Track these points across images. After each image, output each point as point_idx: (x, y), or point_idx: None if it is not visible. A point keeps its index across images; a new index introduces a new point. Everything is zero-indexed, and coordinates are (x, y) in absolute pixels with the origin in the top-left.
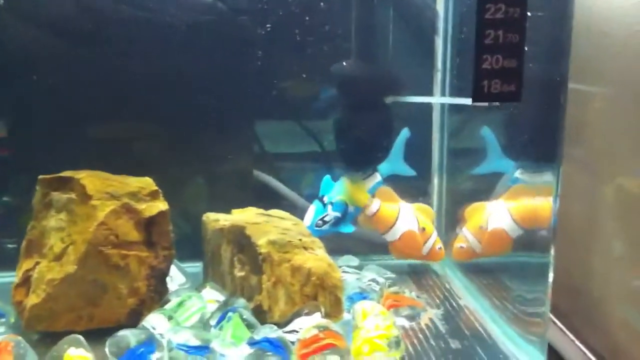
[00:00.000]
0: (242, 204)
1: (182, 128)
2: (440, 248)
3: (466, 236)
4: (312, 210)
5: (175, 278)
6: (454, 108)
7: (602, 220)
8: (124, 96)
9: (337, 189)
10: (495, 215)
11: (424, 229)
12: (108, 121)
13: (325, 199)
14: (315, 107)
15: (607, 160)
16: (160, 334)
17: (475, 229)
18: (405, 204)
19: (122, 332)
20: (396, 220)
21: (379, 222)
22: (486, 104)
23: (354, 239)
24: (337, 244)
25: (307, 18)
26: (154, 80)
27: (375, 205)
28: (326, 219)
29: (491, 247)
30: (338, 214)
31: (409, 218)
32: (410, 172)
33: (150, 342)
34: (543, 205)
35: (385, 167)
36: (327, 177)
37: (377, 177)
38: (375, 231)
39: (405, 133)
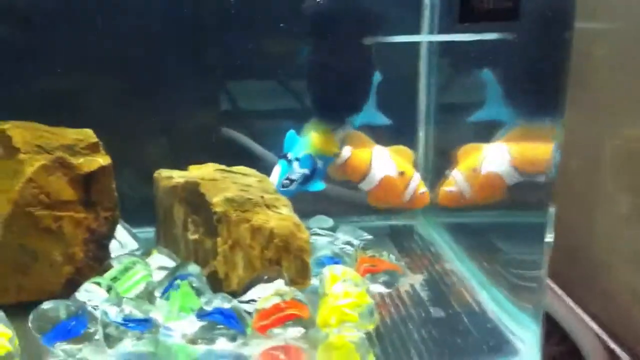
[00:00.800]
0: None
1: (138, 77)
2: (423, 192)
3: (456, 178)
4: (277, 171)
5: (127, 244)
6: (444, 47)
7: (605, 174)
8: (68, 38)
9: (303, 143)
10: (492, 158)
11: (402, 172)
12: (49, 67)
13: (290, 156)
14: (291, 58)
15: (612, 110)
16: (95, 306)
17: (467, 171)
18: (379, 148)
19: (48, 305)
20: (370, 165)
21: (351, 170)
22: (479, 38)
23: (330, 199)
24: (310, 205)
25: None
26: (105, 21)
27: (345, 152)
28: (293, 177)
29: (483, 192)
30: (306, 171)
31: (384, 162)
32: (384, 120)
33: (82, 315)
34: (545, 152)
35: (356, 117)
36: (291, 131)
37: (349, 128)
38: (349, 181)
39: (375, 77)
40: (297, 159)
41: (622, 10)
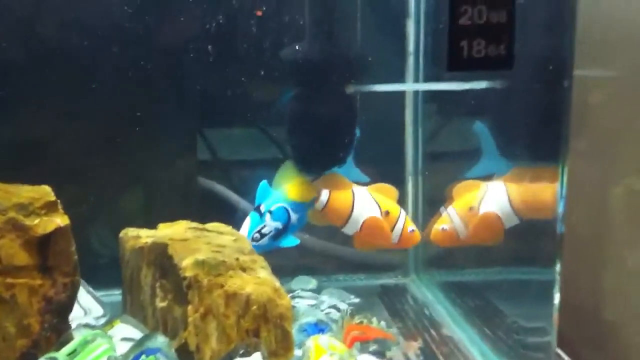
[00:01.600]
0: (182, 218)
1: (106, 128)
2: (413, 230)
3: (451, 216)
4: (247, 224)
5: (91, 310)
6: (431, 97)
7: (612, 225)
8: (31, 85)
9: (276, 196)
10: (491, 197)
11: (387, 212)
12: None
13: (263, 208)
14: (270, 106)
15: (616, 156)
16: None
17: (463, 209)
18: (358, 187)
19: None
20: (352, 207)
21: (332, 214)
22: (468, 87)
23: (313, 254)
24: (291, 262)
25: None
26: (78, 67)
27: (324, 195)
28: (264, 231)
29: (480, 233)
30: (279, 225)
31: (367, 202)
32: (363, 178)
33: None
34: (545, 193)
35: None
36: (264, 182)
37: None
38: (331, 225)
39: (356, 133)
40: (269, 212)
41: (620, 57)
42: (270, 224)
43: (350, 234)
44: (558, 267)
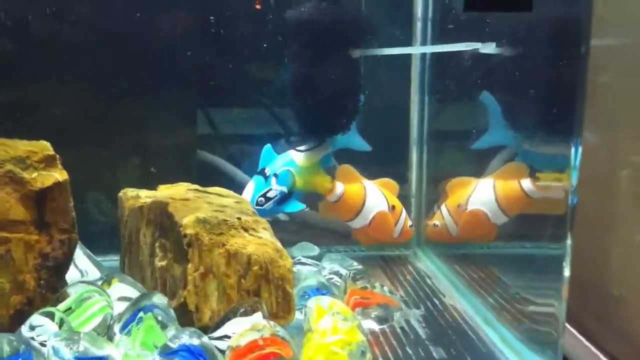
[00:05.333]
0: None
1: (108, 94)
2: (411, 226)
3: (442, 214)
4: (250, 187)
5: (89, 273)
6: (438, 60)
7: (619, 204)
8: (37, 50)
9: (282, 160)
10: (479, 195)
11: (393, 207)
12: (18, 80)
13: (268, 171)
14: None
15: (625, 135)
16: (44, 342)
17: (453, 206)
18: (369, 182)
19: None
20: (363, 203)
21: (344, 208)
22: (477, 47)
23: (315, 227)
24: (292, 234)
25: None
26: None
27: (339, 189)
28: (269, 194)
29: (468, 231)
30: (284, 189)
31: (377, 198)
32: (365, 146)
33: (27, 352)
34: (538, 190)
35: (337, 139)
36: (268, 146)
37: (327, 149)
38: (338, 219)
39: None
40: (275, 175)
41: (633, 29)
42: (276, 188)
43: (357, 227)
44: (569, 241)
